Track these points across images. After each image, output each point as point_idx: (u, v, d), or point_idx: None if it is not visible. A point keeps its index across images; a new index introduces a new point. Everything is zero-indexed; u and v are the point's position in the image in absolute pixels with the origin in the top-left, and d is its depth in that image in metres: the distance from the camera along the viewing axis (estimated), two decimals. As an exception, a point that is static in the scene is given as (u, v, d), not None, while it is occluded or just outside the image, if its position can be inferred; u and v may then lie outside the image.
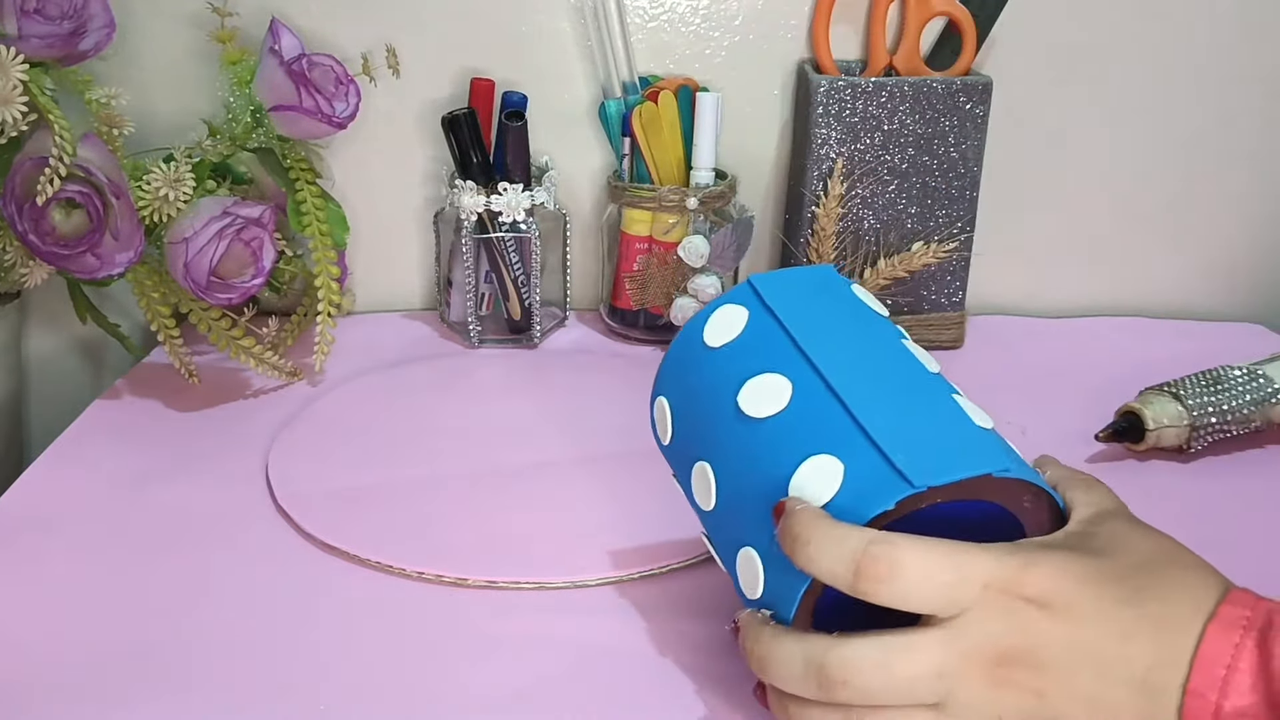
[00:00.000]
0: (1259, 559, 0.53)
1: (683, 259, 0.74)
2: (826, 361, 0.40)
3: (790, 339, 0.41)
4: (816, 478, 0.37)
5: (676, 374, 0.44)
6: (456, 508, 0.56)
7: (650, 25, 0.79)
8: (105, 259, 0.60)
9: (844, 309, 0.43)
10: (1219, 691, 0.31)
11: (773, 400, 0.40)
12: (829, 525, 0.35)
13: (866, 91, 0.72)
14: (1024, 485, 0.38)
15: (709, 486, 0.41)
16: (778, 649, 0.36)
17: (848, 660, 0.34)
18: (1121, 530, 0.37)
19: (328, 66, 0.69)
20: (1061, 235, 0.85)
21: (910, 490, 0.35)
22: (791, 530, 0.35)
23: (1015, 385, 0.72)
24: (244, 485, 0.59)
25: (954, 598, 0.34)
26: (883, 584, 0.34)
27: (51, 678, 0.44)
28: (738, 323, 0.43)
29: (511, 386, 0.71)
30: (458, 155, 0.74)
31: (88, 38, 0.62)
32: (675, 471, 0.45)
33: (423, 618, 0.48)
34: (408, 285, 0.85)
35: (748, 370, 0.41)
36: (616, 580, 0.51)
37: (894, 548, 0.34)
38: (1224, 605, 0.33)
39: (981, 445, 0.38)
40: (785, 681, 0.36)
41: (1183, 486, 0.60)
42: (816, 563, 0.35)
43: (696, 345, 0.43)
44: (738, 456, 0.40)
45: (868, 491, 0.36)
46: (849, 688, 0.34)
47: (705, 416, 0.42)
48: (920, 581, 0.34)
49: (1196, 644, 0.32)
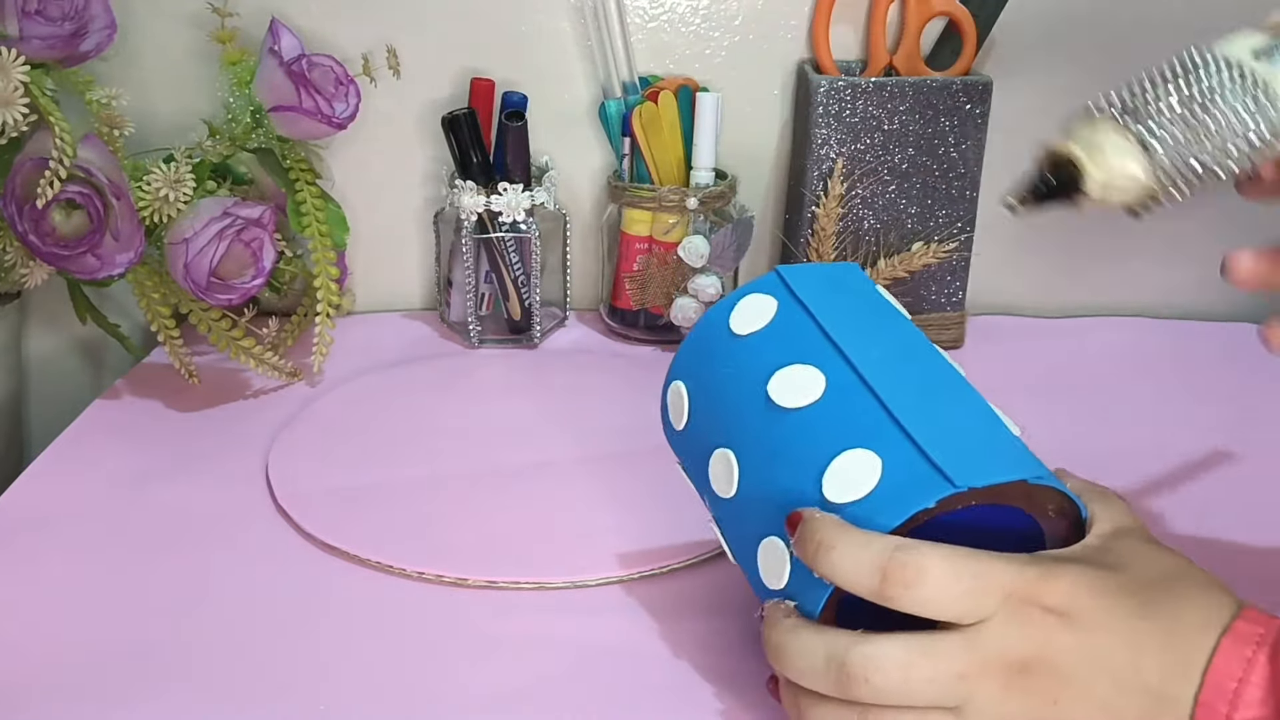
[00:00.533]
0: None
1: (683, 259, 0.74)
2: (859, 356, 0.39)
3: (822, 331, 0.41)
4: (853, 471, 0.37)
5: (698, 360, 0.44)
6: (456, 508, 0.56)
7: (650, 25, 0.79)
8: (105, 260, 0.60)
9: (871, 306, 0.43)
10: (1229, 703, 0.32)
11: (805, 392, 0.39)
12: (853, 532, 0.35)
13: (866, 91, 0.72)
14: (1051, 494, 0.38)
15: (731, 474, 0.41)
16: (798, 641, 0.36)
17: (870, 658, 0.34)
18: (1138, 547, 0.37)
19: (328, 67, 0.69)
20: (1062, 235, 0.85)
21: (952, 490, 0.35)
22: (814, 536, 0.36)
23: (1015, 385, 0.72)
24: (244, 485, 0.59)
25: (976, 605, 0.34)
26: (908, 590, 0.34)
27: (51, 678, 0.44)
28: (767, 312, 0.42)
29: (511, 386, 0.71)
30: (458, 155, 0.74)
31: (89, 39, 0.62)
32: (683, 460, 0.45)
33: (423, 618, 0.48)
34: (408, 285, 0.85)
35: (778, 360, 0.40)
36: (617, 580, 0.51)
37: (919, 554, 0.34)
38: (1238, 621, 0.34)
39: (1015, 450, 0.38)
40: (803, 675, 0.36)
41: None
42: (840, 568, 0.35)
43: (722, 332, 0.43)
44: (765, 446, 0.40)
45: (907, 488, 0.36)
46: (869, 686, 0.34)
47: (730, 404, 0.41)
48: (944, 589, 0.34)
49: (1210, 657, 0.33)
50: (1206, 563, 0.37)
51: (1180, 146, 0.39)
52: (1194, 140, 0.39)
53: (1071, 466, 0.43)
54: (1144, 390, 0.72)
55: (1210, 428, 0.66)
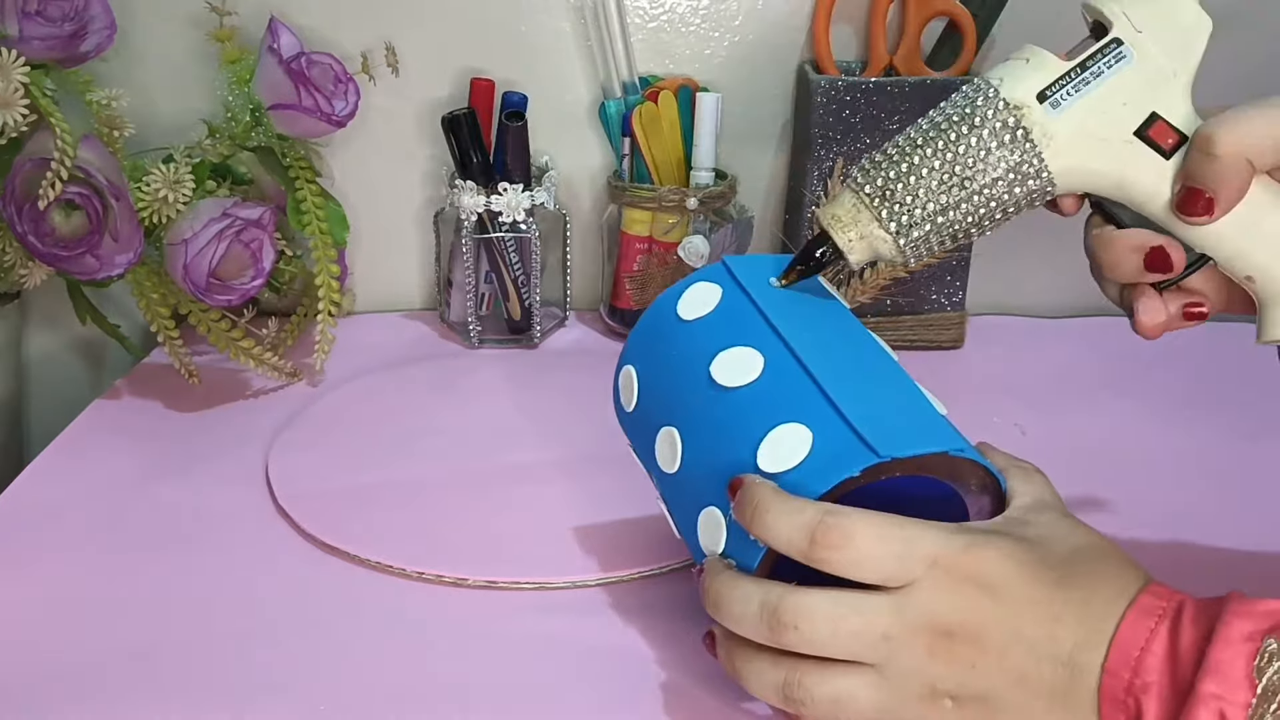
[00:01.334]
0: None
1: (683, 259, 0.74)
2: (798, 340, 0.42)
3: (763, 316, 0.43)
4: (785, 442, 0.39)
5: (647, 344, 0.46)
6: (456, 508, 0.56)
7: (650, 25, 0.79)
8: (105, 260, 0.60)
9: (812, 295, 0.45)
10: (1132, 670, 0.34)
11: (744, 372, 0.41)
12: (786, 497, 0.37)
13: (866, 91, 0.72)
14: (974, 468, 0.40)
15: (675, 451, 0.43)
16: (735, 589, 0.38)
17: (802, 606, 0.36)
18: (1057, 521, 0.39)
19: (327, 65, 0.69)
20: (1062, 235, 0.85)
21: (875, 459, 0.37)
22: (751, 501, 0.38)
23: (1015, 385, 0.72)
24: (244, 485, 0.59)
25: (901, 569, 0.36)
26: (836, 551, 0.36)
27: (51, 677, 0.44)
28: (711, 299, 0.45)
29: (511, 386, 0.71)
30: (458, 155, 0.74)
31: (89, 39, 0.62)
32: (633, 441, 0.47)
33: (423, 618, 0.48)
34: (408, 285, 0.85)
35: (720, 343, 0.43)
36: (617, 580, 0.51)
37: (847, 519, 0.36)
38: (1143, 595, 0.36)
39: (939, 426, 0.40)
40: (738, 621, 0.38)
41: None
42: (774, 530, 0.37)
43: (669, 317, 0.45)
44: (707, 423, 0.42)
45: (835, 458, 0.38)
46: (798, 633, 0.36)
47: (675, 385, 0.44)
48: (870, 552, 0.36)
49: (1116, 628, 0.35)
50: (1205, 559, 0.37)
51: (924, 214, 0.41)
52: (941, 208, 0.40)
53: (1070, 466, 0.44)
54: (1143, 390, 0.72)
55: (1210, 427, 0.66)
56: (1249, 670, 0.32)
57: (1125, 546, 0.39)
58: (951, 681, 0.36)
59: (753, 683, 0.38)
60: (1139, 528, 0.55)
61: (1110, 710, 0.34)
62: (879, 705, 0.36)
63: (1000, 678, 0.35)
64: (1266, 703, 0.32)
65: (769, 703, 0.38)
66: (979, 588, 0.36)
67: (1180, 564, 0.51)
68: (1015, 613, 0.35)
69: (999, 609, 0.36)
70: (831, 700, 0.36)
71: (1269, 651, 0.32)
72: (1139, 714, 0.33)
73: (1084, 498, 0.57)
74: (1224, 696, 0.32)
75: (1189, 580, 0.38)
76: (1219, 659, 0.33)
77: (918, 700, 0.36)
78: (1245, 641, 0.33)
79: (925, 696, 0.36)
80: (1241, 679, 0.32)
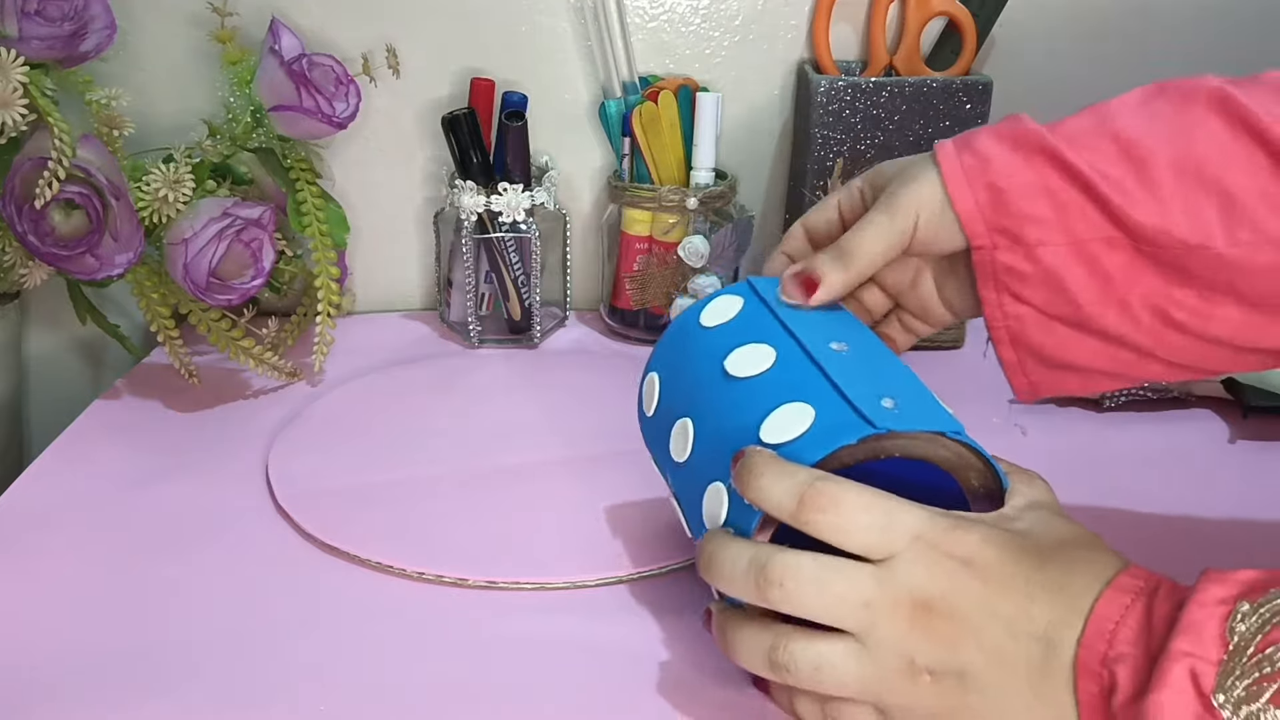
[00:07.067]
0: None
1: (683, 259, 0.74)
2: (811, 339, 0.43)
3: (780, 322, 0.45)
4: (788, 418, 0.40)
5: (670, 351, 0.48)
6: (456, 508, 0.56)
7: (650, 25, 0.79)
8: (105, 260, 0.60)
9: (832, 311, 0.47)
10: (1107, 643, 0.35)
11: (756, 364, 0.43)
12: (781, 462, 0.38)
13: (866, 91, 0.72)
14: (973, 463, 0.41)
15: (686, 440, 0.44)
16: (728, 549, 0.39)
17: (788, 565, 0.37)
18: (1048, 518, 0.40)
19: (328, 66, 0.69)
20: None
21: (871, 430, 0.38)
22: (746, 466, 0.39)
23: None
24: (244, 485, 0.59)
25: (884, 540, 0.37)
26: (822, 514, 0.37)
27: (51, 678, 0.44)
28: (733, 308, 0.47)
29: (511, 386, 0.71)
30: (458, 155, 0.74)
31: (88, 39, 0.62)
32: (651, 447, 0.48)
33: (423, 618, 0.48)
34: (408, 285, 0.85)
35: (737, 341, 0.45)
36: (617, 580, 0.51)
37: (836, 485, 0.37)
38: (1121, 575, 0.36)
39: (942, 414, 0.41)
40: (729, 580, 0.39)
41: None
42: (766, 492, 0.38)
43: (692, 326, 0.47)
44: (717, 410, 0.43)
45: (833, 429, 0.39)
46: (783, 590, 0.37)
47: (692, 380, 0.46)
48: (854, 518, 0.37)
49: (1092, 606, 0.35)
50: (1205, 560, 0.37)
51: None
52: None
53: (1071, 468, 0.44)
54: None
55: (1210, 428, 0.66)
56: (1221, 630, 0.33)
57: (1124, 547, 0.39)
58: (930, 656, 0.36)
59: (741, 651, 0.39)
60: (1139, 528, 0.55)
61: (1085, 682, 0.35)
62: (859, 675, 0.37)
63: (977, 653, 0.36)
64: (1238, 656, 0.32)
65: (757, 671, 0.39)
66: (959, 564, 0.37)
67: (1181, 564, 0.51)
68: (993, 590, 0.36)
69: (977, 586, 0.36)
70: (814, 666, 0.37)
71: (1241, 612, 0.33)
72: (1113, 684, 0.34)
73: (1084, 498, 0.57)
74: (1195, 654, 0.32)
75: (1188, 580, 0.38)
76: (1192, 619, 0.33)
77: (896, 673, 0.37)
78: (1219, 605, 0.33)
79: (904, 670, 0.37)
80: (1214, 637, 0.33)
